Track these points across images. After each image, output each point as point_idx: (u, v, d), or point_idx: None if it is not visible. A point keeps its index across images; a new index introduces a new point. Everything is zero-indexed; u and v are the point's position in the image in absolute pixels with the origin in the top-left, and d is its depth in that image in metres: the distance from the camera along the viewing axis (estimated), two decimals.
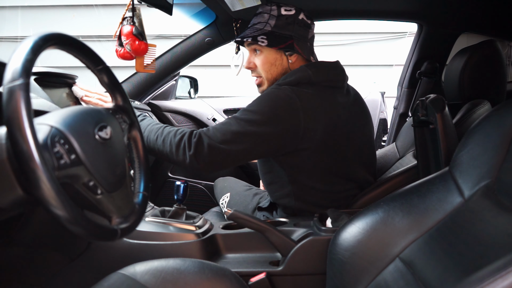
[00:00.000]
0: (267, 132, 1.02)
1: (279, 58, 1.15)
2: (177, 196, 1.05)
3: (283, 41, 1.12)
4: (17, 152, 0.47)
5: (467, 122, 1.19)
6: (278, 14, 1.12)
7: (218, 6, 1.46)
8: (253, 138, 1.02)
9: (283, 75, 1.15)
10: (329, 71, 1.13)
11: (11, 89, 0.48)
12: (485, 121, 0.78)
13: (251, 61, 1.19)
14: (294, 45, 1.12)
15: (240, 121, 1.03)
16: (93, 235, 0.54)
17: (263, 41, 1.11)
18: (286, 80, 1.08)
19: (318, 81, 1.10)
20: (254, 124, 1.01)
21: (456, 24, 1.70)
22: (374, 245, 0.78)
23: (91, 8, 3.87)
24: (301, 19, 1.13)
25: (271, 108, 1.03)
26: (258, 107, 1.04)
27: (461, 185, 0.74)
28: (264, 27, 1.13)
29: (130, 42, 1.19)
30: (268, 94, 1.06)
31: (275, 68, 1.16)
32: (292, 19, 1.12)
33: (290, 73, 1.10)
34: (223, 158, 1.02)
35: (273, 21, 1.12)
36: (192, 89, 2.36)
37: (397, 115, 1.98)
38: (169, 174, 2.11)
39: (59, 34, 0.59)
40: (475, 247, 0.62)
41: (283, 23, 1.12)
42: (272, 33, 1.12)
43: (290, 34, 1.12)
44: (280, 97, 1.04)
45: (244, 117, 1.03)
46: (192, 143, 1.01)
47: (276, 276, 0.94)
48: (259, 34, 1.12)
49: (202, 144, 1.01)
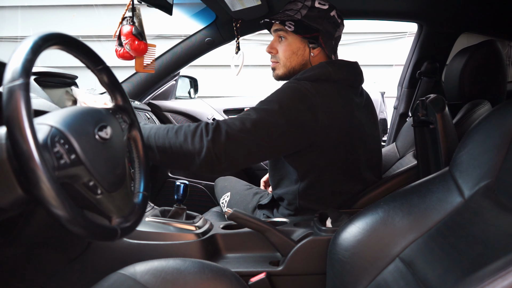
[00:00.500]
0: (284, 123, 0.99)
1: (302, 48, 1.15)
2: (177, 196, 1.05)
3: (309, 32, 1.12)
4: (17, 152, 0.47)
5: (467, 122, 1.19)
6: (312, 5, 1.13)
7: (218, 6, 1.46)
8: (271, 128, 0.99)
9: (302, 66, 1.16)
10: (348, 70, 1.14)
11: (11, 89, 0.48)
12: (485, 121, 0.78)
13: (273, 47, 1.18)
14: (319, 39, 1.13)
15: (258, 110, 1.00)
16: (93, 235, 0.54)
17: (290, 26, 1.11)
18: (305, 75, 1.08)
19: (338, 79, 1.10)
20: (273, 114, 0.99)
21: (456, 24, 1.70)
22: (374, 245, 0.78)
23: (91, 8, 3.87)
24: (332, 15, 1.14)
25: (290, 100, 1.01)
26: (277, 98, 1.02)
27: (461, 185, 0.74)
28: (295, 14, 1.13)
29: (130, 42, 1.19)
30: (288, 87, 1.05)
31: (295, 57, 1.16)
32: (324, 13, 1.13)
33: (309, 69, 1.10)
34: (240, 149, 0.97)
35: (305, 11, 1.12)
36: (192, 89, 2.36)
37: (397, 115, 1.98)
38: (169, 174, 2.11)
39: (59, 34, 0.59)
40: (475, 247, 0.62)
41: (314, 15, 1.12)
42: (301, 22, 1.12)
43: (318, 28, 1.12)
44: (300, 90, 1.03)
45: (263, 107, 1.01)
46: (209, 129, 0.96)
47: (276, 276, 0.94)
48: (287, 19, 1.12)
49: (219, 131, 0.96)
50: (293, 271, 0.95)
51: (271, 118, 0.99)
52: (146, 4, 1.26)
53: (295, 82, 1.06)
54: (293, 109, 1.00)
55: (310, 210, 1.14)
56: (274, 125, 0.99)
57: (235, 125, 0.97)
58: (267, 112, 0.99)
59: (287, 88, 1.05)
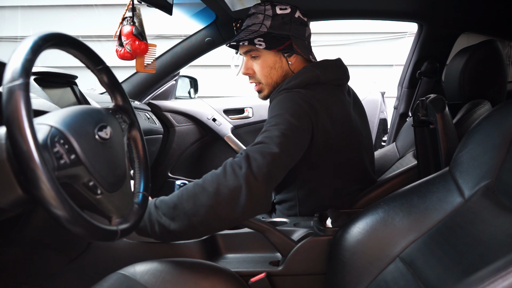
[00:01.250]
0: (297, 125, 0.94)
1: (278, 60, 1.10)
2: None
3: (281, 42, 1.07)
4: (17, 152, 0.47)
5: (467, 122, 1.19)
6: (273, 13, 1.07)
7: (218, 6, 1.46)
8: (290, 135, 0.92)
9: (284, 77, 1.11)
10: (335, 70, 1.11)
11: (11, 89, 0.48)
12: (485, 121, 0.78)
13: (249, 67, 1.12)
14: (293, 45, 1.08)
15: (272, 126, 0.93)
16: (93, 235, 0.54)
17: (260, 44, 1.05)
18: (292, 83, 1.04)
19: (327, 80, 1.07)
20: (285, 123, 0.93)
21: (456, 24, 1.70)
22: (374, 245, 0.78)
23: (91, 8, 3.87)
24: (297, 17, 1.09)
25: (294, 105, 0.97)
26: (280, 109, 0.97)
27: (461, 185, 0.74)
28: (260, 28, 1.07)
29: (130, 42, 1.19)
30: (284, 98, 1.00)
31: (275, 72, 1.11)
32: (289, 18, 1.07)
33: (294, 76, 1.06)
34: (275, 165, 0.86)
35: (269, 22, 1.06)
36: (192, 89, 2.36)
37: (397, 115, 1.98)
38: (169, 174, 2.11)
39: (59, 34, 0.59)
40: (475, 247, 0.62)
41: (279, 23, 1.07)
42: (269, 34, 1.07)
43: (288, 34, 1.07)
44: (299, 97, 0.99)
45: (274, 121, 0.94)
46: (241, 160, 0.84)
47: (276, 276, 0.94)
48: (255, 37, 1.06)
49: (249, 157, 0.85)
50: (293, 271, 0.95)
51: (284, 125, 0.93)
52: (146, 4, 1.26)
53: (287, 92, 1.02)
54: (301, 112, 0.97)
55: (308, 214, 1.14)
56: (290, 129, 0.93)
57: (262, 147, 0.88)
58: (279, 124, 0.93)
59: (285, 98, 0.99)
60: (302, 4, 1.21)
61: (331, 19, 1.88)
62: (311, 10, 1.65)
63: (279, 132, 0.90)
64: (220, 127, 2.09)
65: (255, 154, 0.86)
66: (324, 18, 1.81)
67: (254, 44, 1.06)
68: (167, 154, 2.10)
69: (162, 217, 0.84)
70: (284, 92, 1.03)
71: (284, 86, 1.05)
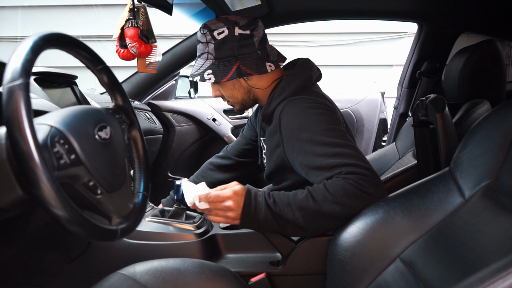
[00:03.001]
0: (337, 125, 0.96)
1: (236, 82, 1.09)
2: (177, 196, 1.05)
3: (228, 69, 1.05)
4: (17, 152, 0.47)
5: (467, 122, 1.19)
6: (214, 39, 1.05)
7: (218, 6, 1.46)
8: (345, 136, 0.95)
9: (248, 93, 1.12)
10: (316, 68, 1.13)
11: (10, 89, 0.48)
12: (485, 121, 0.78)
13: (216, 90, 1.14)
14: (241, 68, 1.05)
15: (321, 135, 0.93)
16: (93, 235, 0.54)
17: (210, 78, 1.06)
18: (289, 91, 1.03)
19: (315, 80, 1.09)
20: (329, 121, 0.95)
21: (456, 24, 1.70)
22: (375, 246, 0.78)
23: (91, 8, 3.87)
24: (238, 35, 1.05)
25: (316, 112, 0.97)
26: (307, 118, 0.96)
27: (461, 186, 0.74)
28: (208, 58, 1.07)
29: (137, 45, 1.18)
30: (300, 111, 0.98)
31: (237, 92, 1.11)
32: (228, 39, 1.05)
33: (286, 83, 1.05)
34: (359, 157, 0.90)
35: (212, 48, 1.05)
36: (192, 89, 2.36)
37: (397, 115, 1.98)
38: (169, 174, 2.11)
39: (59, 34, 0.59)
40: (475, 247, 0.62)
41: (222, 48, 1.05)
42: (216, 63, 1.05)
43: (234, 54, 1.05)
44: (311, 103, 0.99)
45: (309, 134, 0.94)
46: (354, 180, 0.86)
47: (276, 276, 0.94)
48: (204, 71, 1.06)
49: (354, 175, 0.87)
50: (293, 271, 0.95)
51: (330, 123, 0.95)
52: (146, 4, 1.26)
53: (292, 100, 1.01)
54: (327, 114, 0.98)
55: None
56: (335, 119, 0.98)
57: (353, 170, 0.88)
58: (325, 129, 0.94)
59: (301, 110, 0.98)
60: (302, 5, 1.21)
61: (331, 19, 1.88)
62: (311, 10, 1.66)
63: (345, 149, 0.91)
64: (220, 127, 2.09)
65: (355, 168, 0.87)
66: (324, 18, 1.81)
67: (205, 80, 1.06)
68: (167, 154, 2.10)
69: None
70: (288, 102, 1.01)
71: (282, 96, 1.04)
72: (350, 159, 0.89)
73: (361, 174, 0.86)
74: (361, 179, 0.86)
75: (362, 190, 0.85)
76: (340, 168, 0.88)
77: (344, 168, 0.88)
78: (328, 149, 0.91)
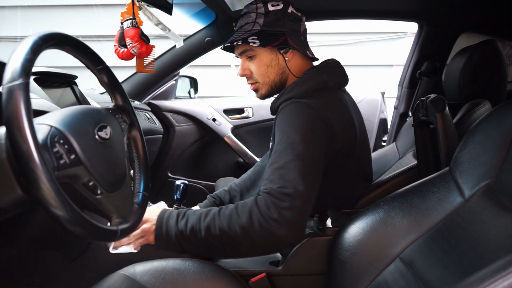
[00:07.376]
0: (314, 150, 0.90)
1: (275, 58, 1.07)
2: (177, 196, 1.05)
3: (275, 39, 1.04)
4: (17, 152, 0.47)
5: (467, 122, 1.19)
6: (266, 11, 1.05)
7: (218, 6, 1.46)
8: (309, 165, 0.88)
9: (281, 75, 1.09)
10: (339, 72, 1.09)
11: (10, 89, 0.48)
12: (485, 121, 0.78)
13: (245, 68, 1.09)
14: (288, 41, 1.05)
15: (288, 163, 0.87)
16: (93, 235, 0.54)
17: (254, 42, 1.03)
18: (298, 90, 1.00)
19: (333, 84, 1.04)
20: (301, 154, 0.88)
21: (456, 24, 1.70)
22: (374, 245, 0.78)
23: (91, 8, 3.87)
24: (290, 12, 1.07)
25: (307, 124, 0.92)
26: (294, 131, 0.91)
27: (461, 185, 0.74)
28: (253, 27, 1.05)
29: (138, 45, 1.18)
30: (295, 113, 0.95)
31: (272, 70, 1.08)
32: (282, 14, 1.05)
33: (299, 82, 1.02)
34: (306, 203, 0.83)
35: (262, 19, 1.05)
36: (192, 89, 2.36)
37: (397, 115, 1.98)
38: (169, 174, 2.11)
39: (59, 34, 0.59)
40: (475, 247, 0.62)
41: (272, 20, 1.05)
42: (263, 32, 1.05)
43: (282, 30, 1.05)
44: (311, 113, 0.95)
45: (290, 151, 0.88)
46: (268, 212, 0.80)
47: (276, 276, 0.94)
48: (249, 35, 1.03)
49: (277, 206, 0.81)
50: (293, 271, 0.95)
51: (304, 155, 0.88)
52: (146, 4, 1.26)
53: (296, 101, 0.98)
54: (315, 130, 0.93)
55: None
56: (312, 157, 0.89)
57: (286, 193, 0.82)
58: (298, 155, 0.88)
59: (296, 113, 0.95)
60: (302, 4, 1.21)
61: (331, 19, 1.88)
62: (311, 10, 1.66)
63: (297, 171, 0.85)
64: (220, 127, 2.09)
65: (282, 203, 0.81)
66: (324, 18, 1.81)
67: (248, 42, 1.04)
68: (167, 154, 2.10)
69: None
70: (292, 102, 0.99)
71: (291, 94, 1.02)
72: (290, 183, 0.82)
73: (283, 201, 0.80)
74: (278, 205, 0.79)
75: (270, 216, 0.79)
76: (271, 184, 0.82)
77: (273, 187, 0.82)
78: (281, 163, 0.86)
